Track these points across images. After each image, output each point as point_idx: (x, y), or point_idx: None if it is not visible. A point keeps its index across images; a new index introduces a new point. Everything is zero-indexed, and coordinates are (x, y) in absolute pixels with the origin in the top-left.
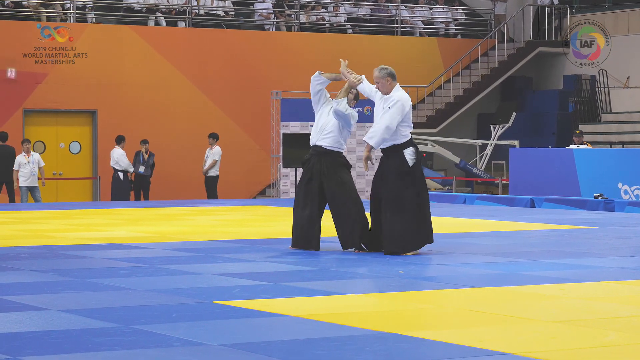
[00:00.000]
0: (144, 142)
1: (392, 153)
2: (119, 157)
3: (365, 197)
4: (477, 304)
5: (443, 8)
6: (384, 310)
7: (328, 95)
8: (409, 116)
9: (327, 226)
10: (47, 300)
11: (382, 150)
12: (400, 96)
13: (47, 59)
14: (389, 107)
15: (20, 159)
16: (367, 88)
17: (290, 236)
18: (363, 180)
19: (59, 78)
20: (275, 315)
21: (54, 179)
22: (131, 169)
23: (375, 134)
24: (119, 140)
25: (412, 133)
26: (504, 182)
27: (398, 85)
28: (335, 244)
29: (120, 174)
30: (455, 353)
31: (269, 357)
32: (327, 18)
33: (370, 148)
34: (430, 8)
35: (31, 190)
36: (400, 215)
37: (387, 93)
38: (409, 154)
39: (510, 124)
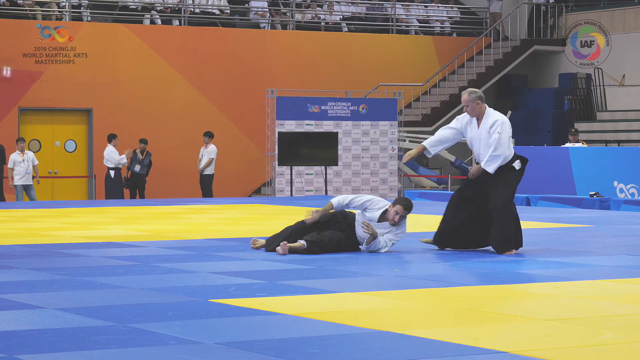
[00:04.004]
0: (143, 141)
1: (502, 169)
2: (109, 154)
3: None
4: (472, 302)
5: (438, 6)
6: (379, 309)
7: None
8: (510, 138)
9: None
10: (43, 298)
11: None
12: (503, 120)
13: (47, 59)
14: (499, 133)
15: (15, 157)
16: (448, 137)
17: None
18: (358, 178)
19: (54, 76)
20: (270, 314)
21: (50, 177)
22: (124, 161)
23: (493, 162)
24: (110, 138)
25: (406, 131)
26: None
27: (489, 108)
28: None
29: (112, 172)
30: (451, 351)
31: (264, 355)
32: (322, 16)
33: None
34: (426, 6)
35: (26, 188)
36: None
37: (476, 115)
38: (517, 163)
39: None
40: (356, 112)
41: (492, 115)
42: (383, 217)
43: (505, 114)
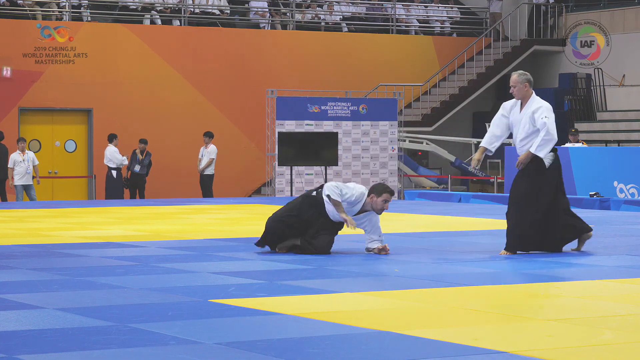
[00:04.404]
0: (143, 141)
1: (533, 158)
2: (112, 154)
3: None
4: (472, 302)
5: (438, 6)
6: (379, 309)
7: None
8: None
9: None
10: (43, 298)
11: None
12: (547, 106)
13: (48, 59)
14: (546, 117)
15: (15, 157)
16: (502, 129)
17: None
18: (358, 178)
19: (54, 76)
20: (270, 314)
21: (50, 177)
22: (125, 162)
23: (545, 146)
24: (111, 138)
25: (406, 131)
26: (500, 180)
27: (534, 93)
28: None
29: (114, 172)
30: (451, 351)
31: (264, 355)
32: (322, 16)
33: (530, 156)
34: (426, 6)
35: (26, 188)
36: (521, 213)
37: (521, 98)
38: (548, 157)
39: None
40: (356, 112)
41: (537, 102)
42: (363, 209)
43: None
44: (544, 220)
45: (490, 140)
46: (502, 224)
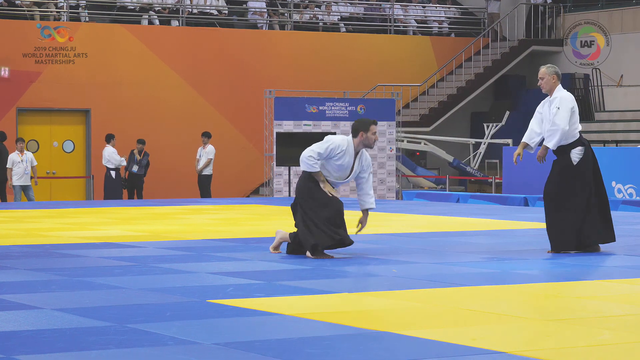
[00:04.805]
0: (140, 141)
1: (560, 153)
2: (110, 155)
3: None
4: (470, 302)
5: (436, 7)
6: (377, 309)
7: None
8: (576, 116)
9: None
10: (41, 299)
11: (552, 151)
12: (563, 95)
13: (48, 59)
14: (558, 108)
15: (14, 157)
16: (540, 125)
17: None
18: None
19: (52, 77)
20: (268, 314)
21: (48, 177)
22: (124, 163)
23: (552, 137)
24: (109, 139)
25: (404, 132)
26: (498, 180)
27: (560, 86)
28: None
29: (112, 173)
30: (449, 352)
31: (262, 356)
32: (320, 17)
33: (547, 149)
34: (424, 7)
35: (24, 189)
36: (562, 213)
37: (548, 91)
38: (576, 153)
39: (503, 122)
40: (354, 113)
41: (558, 92)
42: (356, 150)
43: (503, 115)
44: (578, 219)
45: (530, 135)
46: (500, 225)
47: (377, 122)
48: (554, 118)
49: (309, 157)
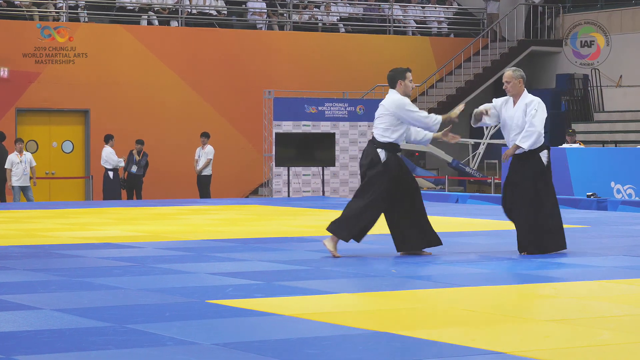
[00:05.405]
0: (139, 142)
1: (530, 155)
2: (108, 155)
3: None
4: (469, 303)
5: (435, 7)
6: (376, 310)
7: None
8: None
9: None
10: (41, 299)
11: (517, 154)
12: (538, 99)
13: (48, 59)
14: (536, 110)
15: (13, 158)
16: (488, 112)
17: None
18: (355, 179)
19: (51, 77)
20: (268, 315)
21: (47, 178)
22: (121, 164)
23: (529, 138)
24: (107, 139)
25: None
26: (497, 181)
27: (526, 90)
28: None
29: (110, 173)
30: (448, 352)
31: (262, 356)
32: (319, 17)
33: (518, 148)
34: (423, 7)
35: (23, 189)
36: (543, 215)
37: (515, 95)
38: (544, 156)
39: None
40: (353, 113)
41: (529, 96)
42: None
43: None
44: (552, 220)
45: (487, 105)
46: (499, 225)
47: (409, 68)
48: (533, 120)
49: (425, 116)
